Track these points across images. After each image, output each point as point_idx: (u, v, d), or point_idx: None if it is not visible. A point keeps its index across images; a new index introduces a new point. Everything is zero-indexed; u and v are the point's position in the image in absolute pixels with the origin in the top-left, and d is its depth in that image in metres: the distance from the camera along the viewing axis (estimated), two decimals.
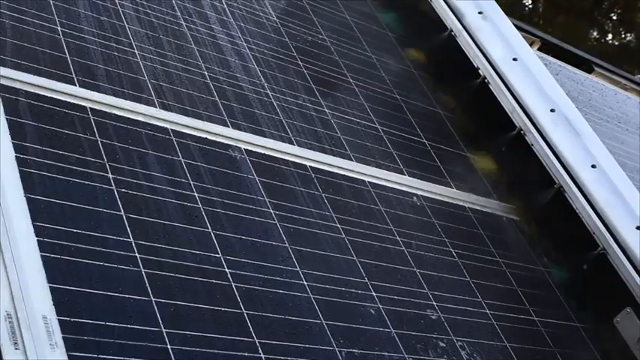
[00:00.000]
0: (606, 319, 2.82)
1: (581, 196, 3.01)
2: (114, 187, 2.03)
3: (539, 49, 4.71)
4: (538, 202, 3.09)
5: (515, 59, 3.39)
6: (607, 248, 2.90)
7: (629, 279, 2.83)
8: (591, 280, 2.91)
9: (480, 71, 3.37)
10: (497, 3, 3.66)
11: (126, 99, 2.31)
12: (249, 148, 2.47)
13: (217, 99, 2.56)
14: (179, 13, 2.81)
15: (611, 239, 2.90)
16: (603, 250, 2.91)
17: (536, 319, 2.68)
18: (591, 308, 2.87)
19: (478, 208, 2.97)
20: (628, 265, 2.85)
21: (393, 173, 2.82)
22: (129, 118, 2.26)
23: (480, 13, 3.54)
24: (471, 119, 3.37)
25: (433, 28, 3.55)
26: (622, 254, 2.88)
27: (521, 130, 3.19)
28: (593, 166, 3.09)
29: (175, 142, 2.30)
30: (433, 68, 3.52)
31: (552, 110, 3.23)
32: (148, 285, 1.87)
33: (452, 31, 3.50)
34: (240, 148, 2.44)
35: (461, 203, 2.93)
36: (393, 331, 2.24)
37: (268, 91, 2.75)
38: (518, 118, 3.22)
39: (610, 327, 2.80)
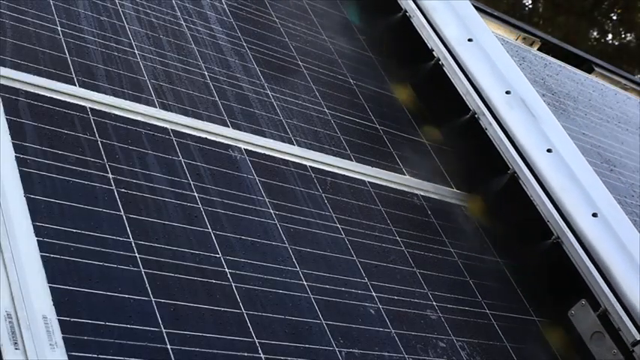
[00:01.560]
0: (561, 312, 2.68)
1: (536, 182, 2.87)
2: (114, 187, 2.03)
3: (539, 49, 4.71)
4: (492, 189, 2.95)
5: (470, 40, 3.24)
6: (561, 237, 2.76)
7: (583, 269, 2.69)
8: (546, 270, 2.77)
9: (434, 53, 3.24)
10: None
11: (126, 99, 2.31)
12: (249, 148, 2.47)
13: (217, 99, 2.56)
14: (179, 13, 2.81)
15: (566, 227, 2.76)
16: (557, 238, 2.76)
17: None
18: (546, 300, 2.74)
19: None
20: (583, 254, 2.71)
21: (392, 173, 2.82)
22: (129, 118, 2.26)
23: None
24: (425, 103, 3.25)
25: (387, 8, 3.41)
26: (577, 243, 2.73)
27: (475, 113, 3.06)
28: (549, 151, 2.95)
29: (175, 142, 2.30)
30: (388, 52, 3.39)
31: (507, 92, 3.09)
32: (147, 285, 1.87)
33: (406, 11, 3.36)
34: (240, 148, 2.44)
35: (460, 203, 2.93)
36: (393, 331, 2.24)
37: (268, 91, 2.75)
38: (472, 100, 3.08)
39: (565, 320, 2.66)
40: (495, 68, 3.18)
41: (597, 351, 2.58)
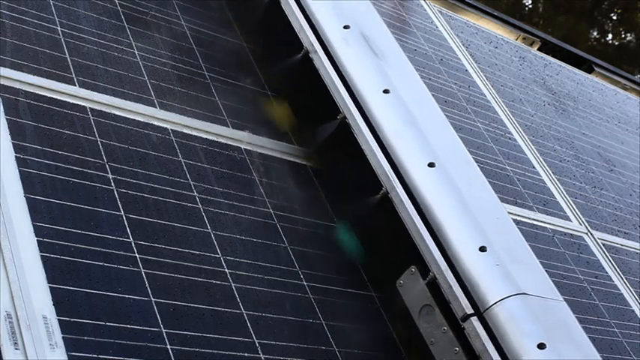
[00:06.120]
0: (391, 282, 2.27)
1: (366, 128, 2.45)
2: (114, 187, 2.03)
3: (539, 49, 4.72)
4: (322, 137, 2.56)
5: None
6: (390, 191, 2.33)
7: (412, 229, 2.27)
8: (376, 231, 2.39)
9: None
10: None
11: (126, 99, 2.31)
12: (249, 148, 2.47)
13: (217, 99, 2.56)
14: (179, 13, 2.81)
15: (396, 179, 2.34)
16: (387, 193, 2.34)
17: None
18: (376, 269, 2.35)
19: None
20: (413, 210, 2.29)
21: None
22: (129, 118, 2.26)
23: None
24: (262, 46, 2.84)
25: None
26: (407, 198, 2.31)
27: (308, 51, 2.64)
28: (386, 91, 2.51)
29: (175, 142, 2.30)
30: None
31: (346, 27, 2.66)
32: (147, 285, 1.87)
33: None
34: (240, 148, 2.44)
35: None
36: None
37: (268, 92, 2.75)
38: (305, 37, 2.65)
39: (394, 292, 2.25)
40: (337, 2, 2.74)
41: (426, 328, 2.17)
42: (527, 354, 2.04)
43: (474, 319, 2.11)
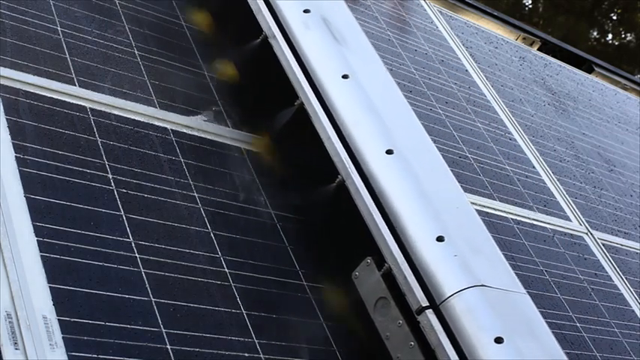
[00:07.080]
0: (347, 275, 2.18)
1: (324, 114, 2.36)
2: (114, 187, 2.04)
3: (539, 49, 4.72)
4: (278, 125, 2.48)
5: None
6: (346, 179, 2.25)
7: (368, 219, 2.18)
8: (331, 221, 2.32)
9: None
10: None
11: (126, 99, 2.31)
12: (249, 148, 2.47)
13: (217, 99, 2.56)
14: (179, 13, 2.81)
15: (353, 166, 2.25)
16: (342, 180, 2.26)
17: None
18: (330, 261, 2.27)
19: None
20: (369, 199, 2.20)
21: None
22: (129, 118, 2.26)
23: None
24: (222, 32, 2.76)
25: None
26: (363, 186, 2.22)
27: (267, 36, 2.55)
28: (345, 77, 2.43)
29: (175, 142, 2.30)
30: None
31: (306, 11, 2.57)
32: (147, 285, 1.87)
33: None
34: (239, 148, 2.44)
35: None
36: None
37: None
38: (264, 21, 2.56)
39: (350, 285, 2.17)
40: None
41: (382, 322, 2.08)
42: (483, 348, 1.95)
43: (430, 312, 2.02)
